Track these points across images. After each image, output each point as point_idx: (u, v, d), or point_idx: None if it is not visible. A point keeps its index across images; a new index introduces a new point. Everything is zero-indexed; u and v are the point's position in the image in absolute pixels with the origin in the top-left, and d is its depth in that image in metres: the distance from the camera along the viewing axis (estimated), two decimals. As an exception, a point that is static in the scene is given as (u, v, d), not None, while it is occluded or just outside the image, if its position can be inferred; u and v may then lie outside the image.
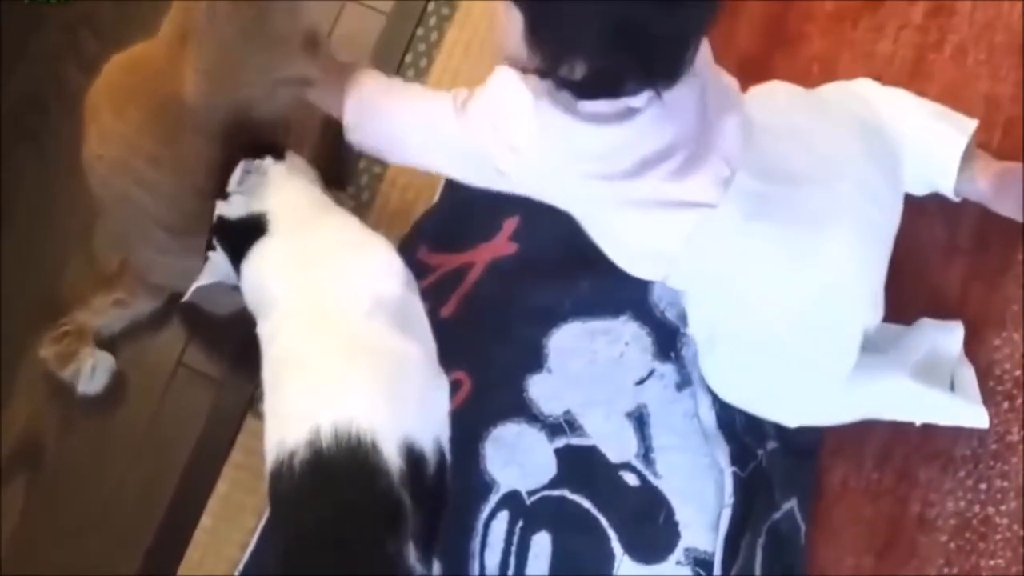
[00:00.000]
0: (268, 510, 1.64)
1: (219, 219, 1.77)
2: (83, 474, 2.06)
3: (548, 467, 1.92)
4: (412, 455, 1.58)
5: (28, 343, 2.07)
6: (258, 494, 1.85)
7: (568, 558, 1.90)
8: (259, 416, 1.78)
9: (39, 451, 2.08)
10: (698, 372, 1.92)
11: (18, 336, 2.11)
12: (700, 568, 1.87)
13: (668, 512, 1.89)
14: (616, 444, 1.92)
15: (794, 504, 1.88)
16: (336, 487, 1.55)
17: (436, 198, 2.05)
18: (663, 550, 1.88)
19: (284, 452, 1.57)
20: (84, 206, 2.09)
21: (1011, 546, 1.86)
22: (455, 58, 2.12)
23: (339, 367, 1.61)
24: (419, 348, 1.67)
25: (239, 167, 1.77)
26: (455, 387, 1.92)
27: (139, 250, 2.00)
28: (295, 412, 1.60)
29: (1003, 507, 1.87)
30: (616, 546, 1.88)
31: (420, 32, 2.17)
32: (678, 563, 1.87)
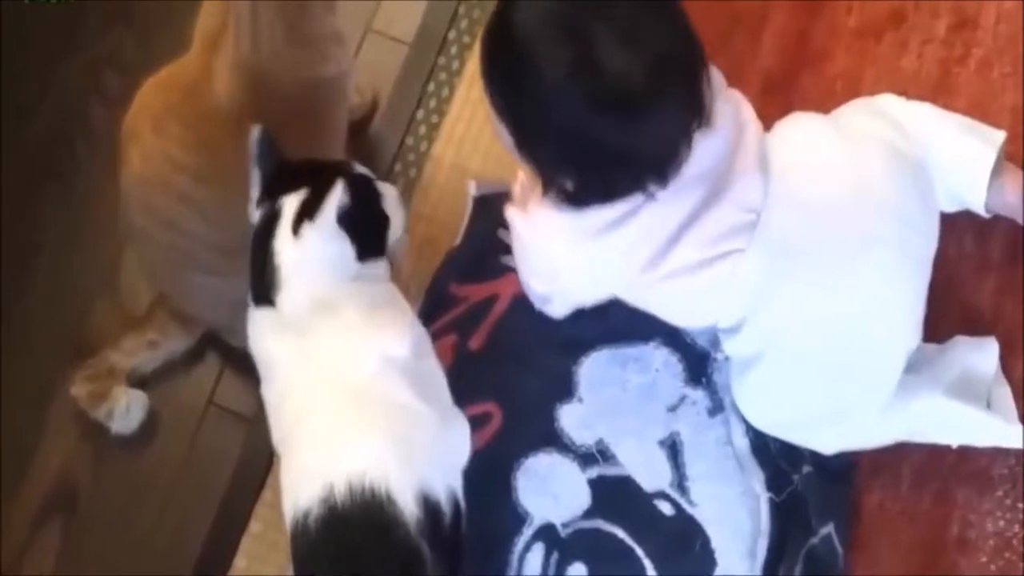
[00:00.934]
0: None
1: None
2: (117, 515, 2.06)
3: (582, 498, 1.91)
4: (428, 505, 1.57)
5: (58, 383, 2.07)
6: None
7: (604, 589, 1.89)
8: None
9: (73, 493, 2.08)
10: (730, 397, 1.90)
11: (47, 376, 2.11)
12: (737, 596, 1.86)
13: (704, 541, 1.87)
14: (649, 473, 1.91)
15: (831, 529, 1.86)
16: (352, 540, 1.54)
17: (461, 232, 2.05)
18: (699, 579, 1.88)
19: (299, 512, 1.57)
20: (111, 243, 2.11)
21: (1052, 565, 1.84)
22: (476, 87, 2.08)
23: (349, 424, 1.60)
24: (431, 406, 1.65)
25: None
26: (485, 420, 1.92)
27: (181, 277, 1.97)
28: (307, 472, 1.59)
29: (1043, 526, 1.85)
30: (652, 576, 1.88)
31: (442, 61, 2.16)
32: (715, 591, 1.87)
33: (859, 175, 1.71)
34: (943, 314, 1.88)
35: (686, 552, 1.87)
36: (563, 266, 1.72)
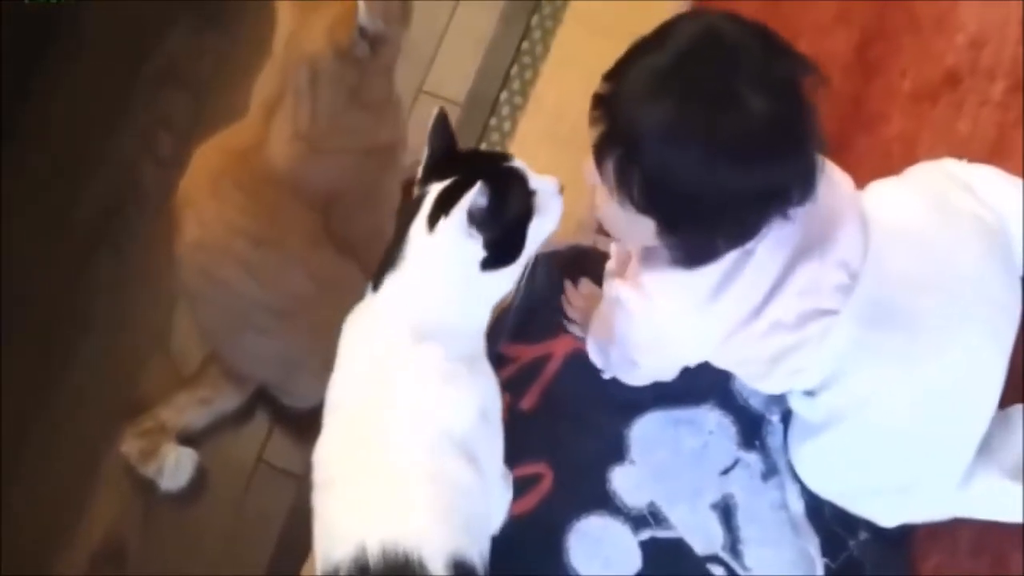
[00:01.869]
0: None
1: None
2: (166, 572, 2.06)
3: (633, 560, 1.89)
4: (462, 570, 1.54)
5: (110, 440, 2.07)
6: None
7: (656, 654, 1.87)
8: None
9: (123, 550, 2.08)
10: (784, 461, 1.88)
11: (100, 433, 2.12)
12: (792, 663, 1.83)
13: (758, 605, 1.85)
14: (702, 536, 1.89)
15: (888, 595, 1.84)
16: None
17: (514, 291, 2.04)
18: (753, 645, 1.85)
19: (329, 566, 1.54)
20: (164, 303, 2.12)
21: (1109, 631, 1.80)
22: (528, 147, 2.12)
23: (392, 489, 1.55)
24: (480, 476, 1.60)
25: None
26: (536, 480, 1.91)
27: (234, 337, 1.98)
28: (342, 527, 1.56)
29: (1101, 592, 1.82)
30: (704, 641, 1.85)
31: (493, 122, 2.18)
32: (768, 658, 1.84)
33: (951, 251, 1.70)
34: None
35: (740, 617, 1.85)
36: (674, 330, 1.68)
